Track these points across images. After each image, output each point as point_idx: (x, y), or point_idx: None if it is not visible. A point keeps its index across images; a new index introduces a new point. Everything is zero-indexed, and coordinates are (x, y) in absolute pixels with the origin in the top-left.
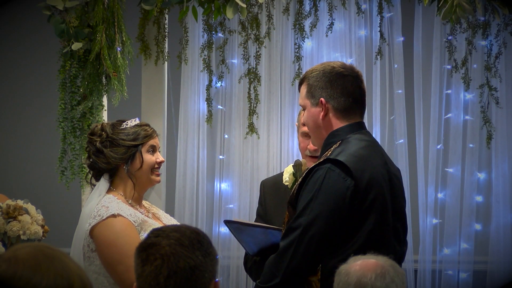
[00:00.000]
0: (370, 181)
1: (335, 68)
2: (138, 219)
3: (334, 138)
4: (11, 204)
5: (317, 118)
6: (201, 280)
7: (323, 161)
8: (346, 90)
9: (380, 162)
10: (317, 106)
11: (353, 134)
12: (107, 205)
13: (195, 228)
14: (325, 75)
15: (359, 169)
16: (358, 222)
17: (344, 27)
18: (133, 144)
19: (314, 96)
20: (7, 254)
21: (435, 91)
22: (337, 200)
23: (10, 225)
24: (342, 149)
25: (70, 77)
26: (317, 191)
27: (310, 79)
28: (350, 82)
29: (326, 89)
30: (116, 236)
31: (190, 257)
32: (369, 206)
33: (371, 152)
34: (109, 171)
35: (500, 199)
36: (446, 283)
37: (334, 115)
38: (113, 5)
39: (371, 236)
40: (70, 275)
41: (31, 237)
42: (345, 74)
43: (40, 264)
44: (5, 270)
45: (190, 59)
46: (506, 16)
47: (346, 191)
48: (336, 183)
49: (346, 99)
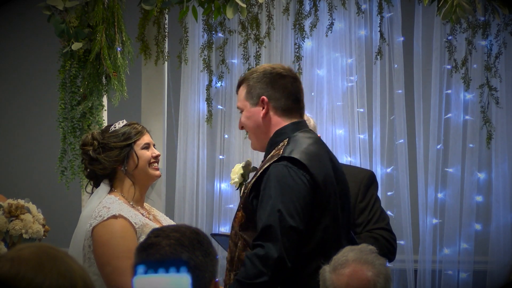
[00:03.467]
0: (325, 177)
1: (275, 69)
2: (139, 221)
3: (280, 136)
4: (13, 203)
5: (258, 117)
6: (201, 280)
7: (278, 159)
8: (286, 91)
9: (328, 158)
10: (257, 105)
11: (299, 132)
12: (109, 206)
13: (195, 228)
14: (266, 76)
15: (314, 166)
16: (316, 219)
17: (344, 27)
18: (126, 144)
19: (254, 96)
20: (10, 254)
21: (435, 91)
22: (300, 196)
23: (12, 223)
24: (293, 147)
25: (70, 77)
26: (280, 188)
27: (250, 80)
28: (290, 83)
29: (267, 89)
30: (111, 237)
31: (190, 257)
32: (326, 203)
33: (319, 149)
34: (107, 176)
35: (500, 199)
36: (446, 283)
37: (275, 114)
38: (113, 5)
39: (326, 233)
40: (73, 275)
41: (33, 236)
42: (284, 75)
43: (43, 264)
44: (8, 270)
45: (190, 59)
46: (506, 16)
47: (306, 187)
48: (296, 179)
49: (287, 99)
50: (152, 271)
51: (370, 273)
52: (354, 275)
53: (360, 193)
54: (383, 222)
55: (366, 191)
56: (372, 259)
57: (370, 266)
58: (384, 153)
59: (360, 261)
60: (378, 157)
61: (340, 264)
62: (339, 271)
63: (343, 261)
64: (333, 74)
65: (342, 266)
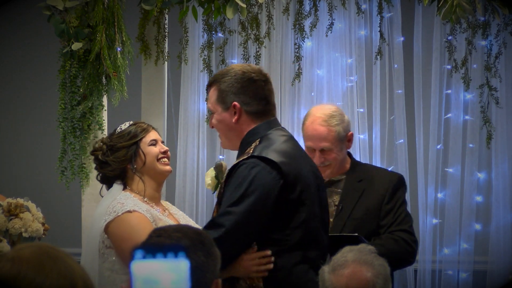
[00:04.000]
0: (296, 174)
1: (246, 73)
2: (152, 216)
3: (253, 136)
4: (12, 202)
5: (229, 122)
6: (203, 281)
7: (248, 157)
8: (258, 95)
9: (302, 155)
10: (228, 110)
11: (272, 130)
12: (123, 202)
13: (197, 228)
14: (237, 81)
15: (284, 163)
16: (290, 214)
17: (344, 27)
18: (131, 142)
19: (226, 101)
20: (11, 254)
21: (435, 91)
22: (264, 193)
23: (12, 222)
24: (264, 145)
25: (70, 77)
26: (244, 185)
27: (222, 84)
28: (261, 88)
29: (239, 94)
30: (132, 230)
31: (192, 257)
32: (298, 198)
33: (292, 146)
34: (118, 176)
35: (500, 199)
36: (446, 283)
37: (248, 117)
38: (113, 5)
39: (304, 228)
40: (73, 276)
41: (32, 235)
42: (256, 79)
43: (44, 264)
44: (8, 270)
45: (190, 59)
46: (506, 16)
47: (274, 184)
48: (263, 177)
49: (259, 103)
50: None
51: (369, 274)
52: (353, 276)
53: (387, 196)
54: (406, 224)
55: (394, 194)
56: (371, 259)
57: (369, 267)
58: (384, 153)
59: (359, 262)
60: (378, 157)
61: (339, 265)
62: (338, 271)
63: (342, 262)
64: (333, 74)
65: (341, 267)
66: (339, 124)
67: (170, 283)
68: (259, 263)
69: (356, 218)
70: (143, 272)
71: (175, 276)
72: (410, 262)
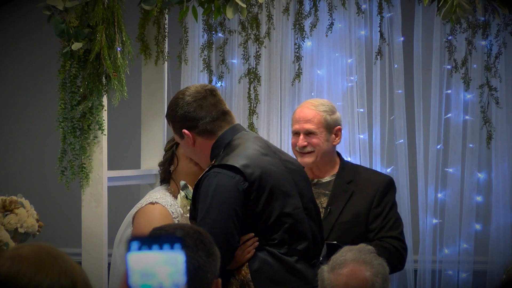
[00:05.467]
0: (262, 172)
1: (184, 99)
2: (177, 211)
3: (217, 149)
4: (6, 199)
5: (190, 147)
6: (204, 280)
7: (209, 169)
8: (201, 115)
9: (268, 153)
10: (184, 138)
11: (235, 137)
12: (151, 194)
13: (198, 228)
14: (176, 110)
15: (246, 165)
16: (265, 211)
17: (344, 27)
18: (170, 145)
19: (179, 132)
20: (11, 252)
21: (435, 91)
22: (230, 198)
23: (7, 218)
24: (225, 153)
25: (70, 77)
26: (209, 195)
27: (169, 118)
28: (200, 106)
29: (184, 123)
30: (149, 223)
31: (193, 257)
32: (269, 195)
33: (256, 146)
34: (163, 180)
35: (500, 199)
36: (446, 283)
37: (203, 137)
38: (113, 5)
39: (286, 221)
40: (73, 274)
41: (28, 230)
42: (190, 101)
43: (44, 262)
44: (8, 268)
45: (190, 59)
46: (506, 16)
47: (238, 188)
48: (225, 183)
49: (206, 121)
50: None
51: (368, 273)
52: (353, 275)
53: (376, 199)
54: (396, 230)
55: (383, 197)
56: (370, 259)
57: (368, 266)
58: (384, 153)
59: (359, 261)
60: (378, 157)
61: (339, 264)
62: (337, 271)
63: (341, 261)
64: (333, 74)
65: (341, 266)
66: (327, 112)
67: (166, 276)
68: (244, 246)
69: (344, 221)
70: (138, 263)
71: (171, 269)
72: (399, 269)
